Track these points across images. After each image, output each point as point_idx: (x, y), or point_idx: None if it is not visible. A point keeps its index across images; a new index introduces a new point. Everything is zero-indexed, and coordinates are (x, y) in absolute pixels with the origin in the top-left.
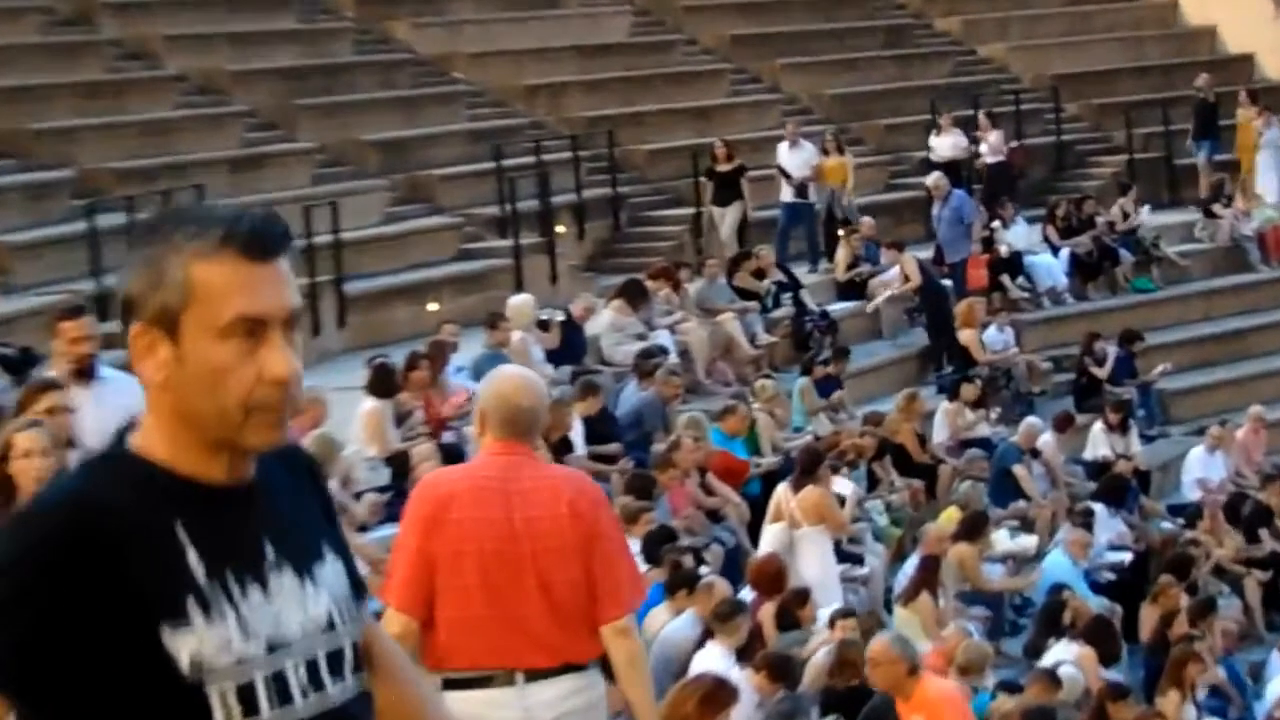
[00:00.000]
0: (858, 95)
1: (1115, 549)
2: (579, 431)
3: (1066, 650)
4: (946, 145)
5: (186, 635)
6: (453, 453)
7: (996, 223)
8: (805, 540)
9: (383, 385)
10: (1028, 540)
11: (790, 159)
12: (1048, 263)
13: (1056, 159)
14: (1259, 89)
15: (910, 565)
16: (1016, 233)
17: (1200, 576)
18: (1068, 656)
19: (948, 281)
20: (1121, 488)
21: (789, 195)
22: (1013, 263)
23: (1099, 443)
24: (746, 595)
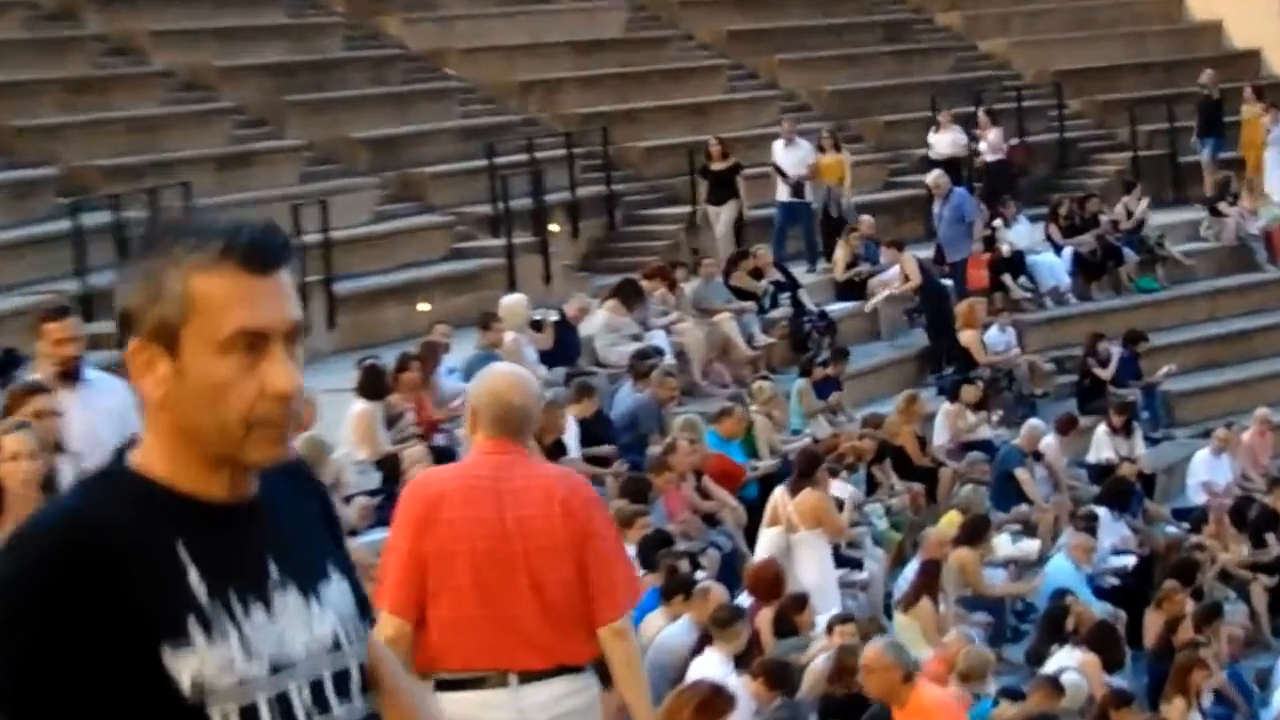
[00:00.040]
0: (857, 92)
1: (1119, 553)
2: (573, 434)
3: (1069, 657)
4: (945, 142)
5: (188, 656)
6: (444, 455)
7: (998, 221)
8: (803, 545)
9: (373, 387)
10: (1030, 545)
11: (786, 157)
12: (1050, 262)
13: (1059, 156)
14: (1265, 85)
15: (910, 570)
16: (1018, 231)
17: (1206, 581)
18: (1071, 663)
19: (948, 281)
20: (1125, 491)
21: (785, 194)
22: (1015, 262)
23: (1102, 445)
24: (743, 601)
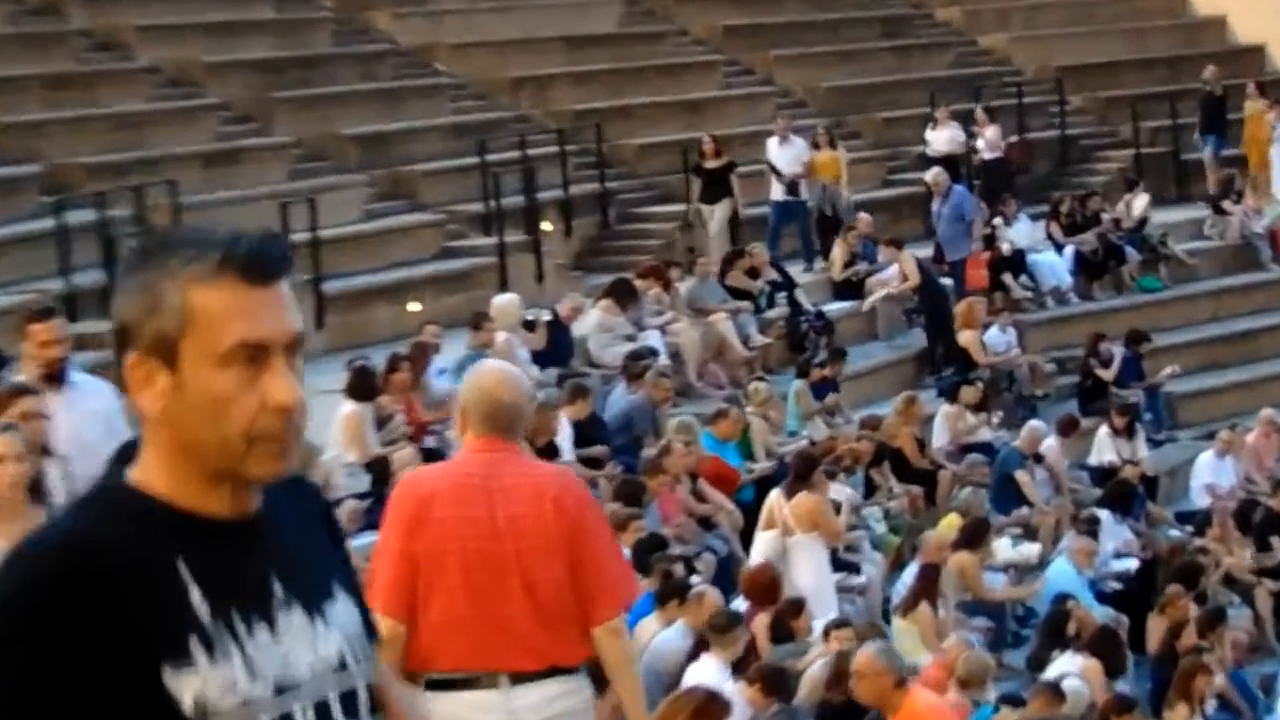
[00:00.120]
0: (854, 88)
1: (1121, 557)
2: (567, 435)
3: (1071, 662)
4: (943, 139)
5: (190, 676)
6: (435, 457)
7: (998, 220)
8: (799, 548)
9: (362, 388)
10: (1030, 548)
11: (780, 155)
12: (1051, 261)
13: (1060, 154)
14: (1269, 81)
15: (909, 574)
16: (1019, 230)
17: (1209, 586)
18: (1072, 669)
19: (948, 280)
20: (1128, 494)
21: (780, 193)
22: (1015, 261)
23: (1104, 447)
24: (739, 605)
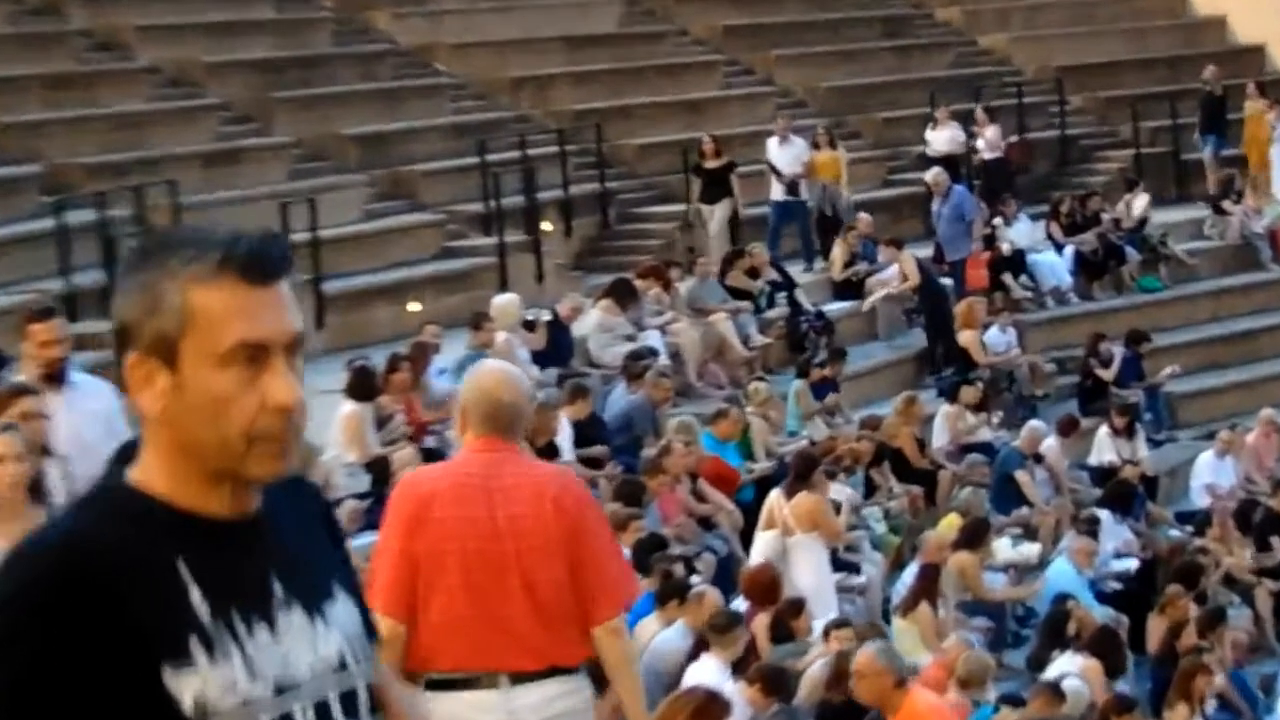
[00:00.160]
0: (854, 88)
1: (1121, 557)
2: (567, 436)
3: (1071, 662)
4: (943, 139)
5: (190, 676)
6: (434, 458)
7: (998, 220)
8: (799, 548)
9: (362, 388)
10: (1030, 548)
11: (780, 155)
12: (1051, 261)
13: (1060, 154)
14: (1269, 81)
15: (909, 574)
16: (1019, 230)
17: (1209, 586)
18: (1072, 669)
19: (948, 280)
20: (1128, 494)
21: (780, 193)
22: (1015, 261)
23: (1104, 447)
24: (739, 605)
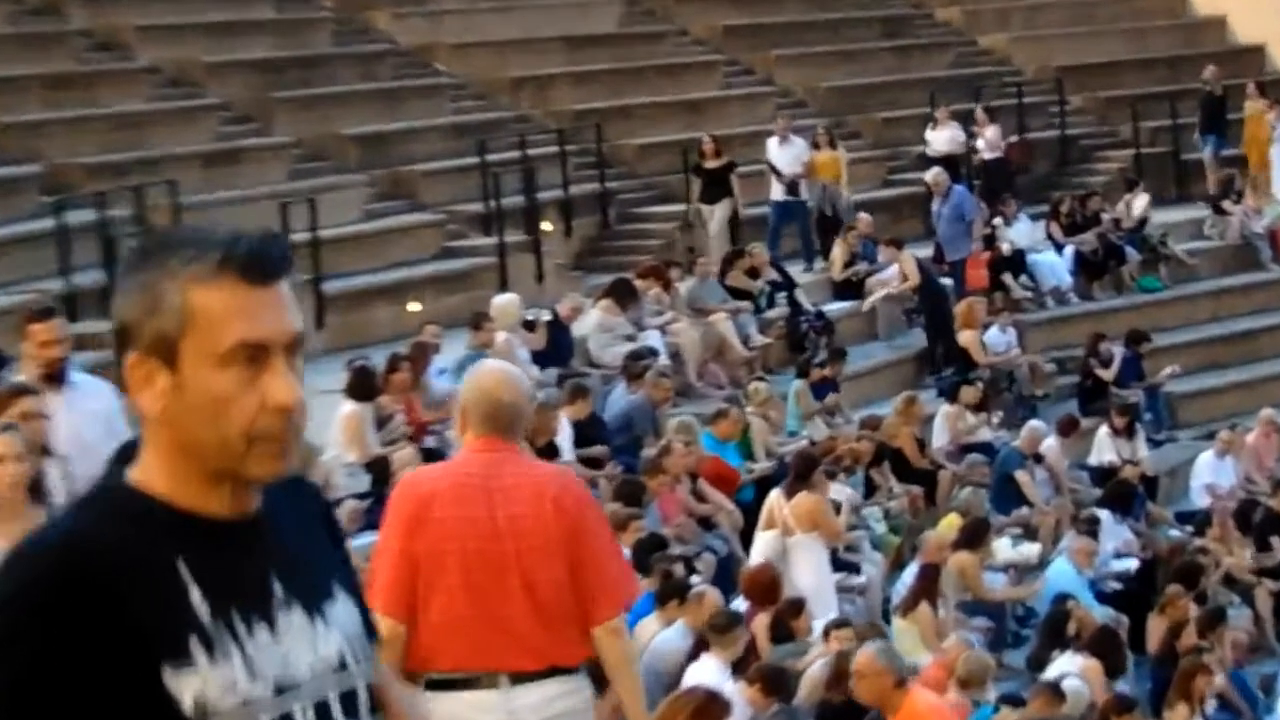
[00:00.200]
0: (854, 88)
1: (1121, 557)
2: (567, 436)
3: (1071, 662)
4: (943, 139)
5: (190, 676)
6: (434, 458)
7: (998, 220)
8: (799, 548)
9: (362, 388)
10: (1030, 549)
11: (780, 155)
12: (1051, 261)
13: (1060, 154)
14: (1269, 81)
15: (909, 574)
16: (1019, 230)
17: (1209, 586)
18: (1072, 669)
19: (948, 280)
20: (1128, 494)
21: (780, 193)
22: (1015, 261)
23: (1104, 447)
24: (739, 605)
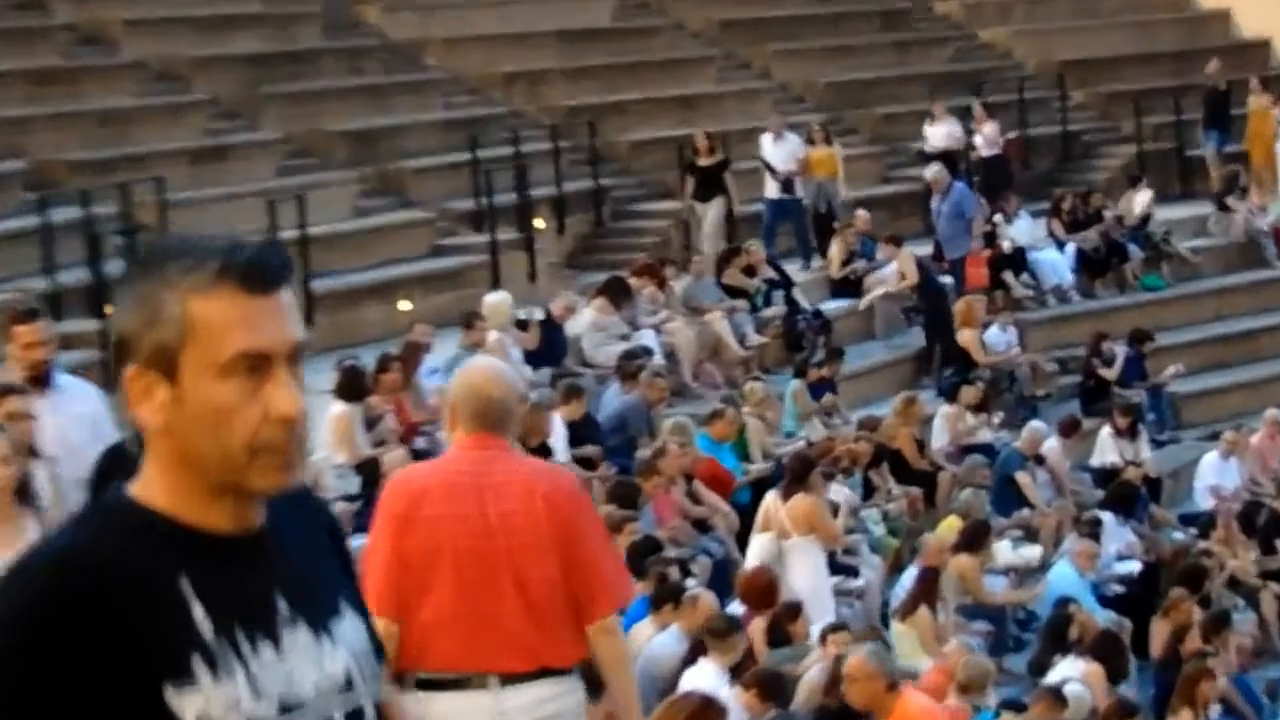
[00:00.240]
0: (853, 83)
1: (1124, 560)
2: (561, 436)
3: (1073, 667)
4: (941, 135)
5: (192, 695)
6: (425, 459)
7: (999, 217)
8: (795, 551)
9: (352, 388)
10: (1032, 551)
11: (775, 152)
12: (1053, 259)
13: (1062, 150)
14: (1273, 76)
15: (908, 578)
16: (1020, 227)
17: (1214, 589)
18: (1074, 673)
19: (948, 279)
20: (1130, 496)
21: (774, 191)
22: (1016, 259)
23: (1107, 448)
24: (735, 609)
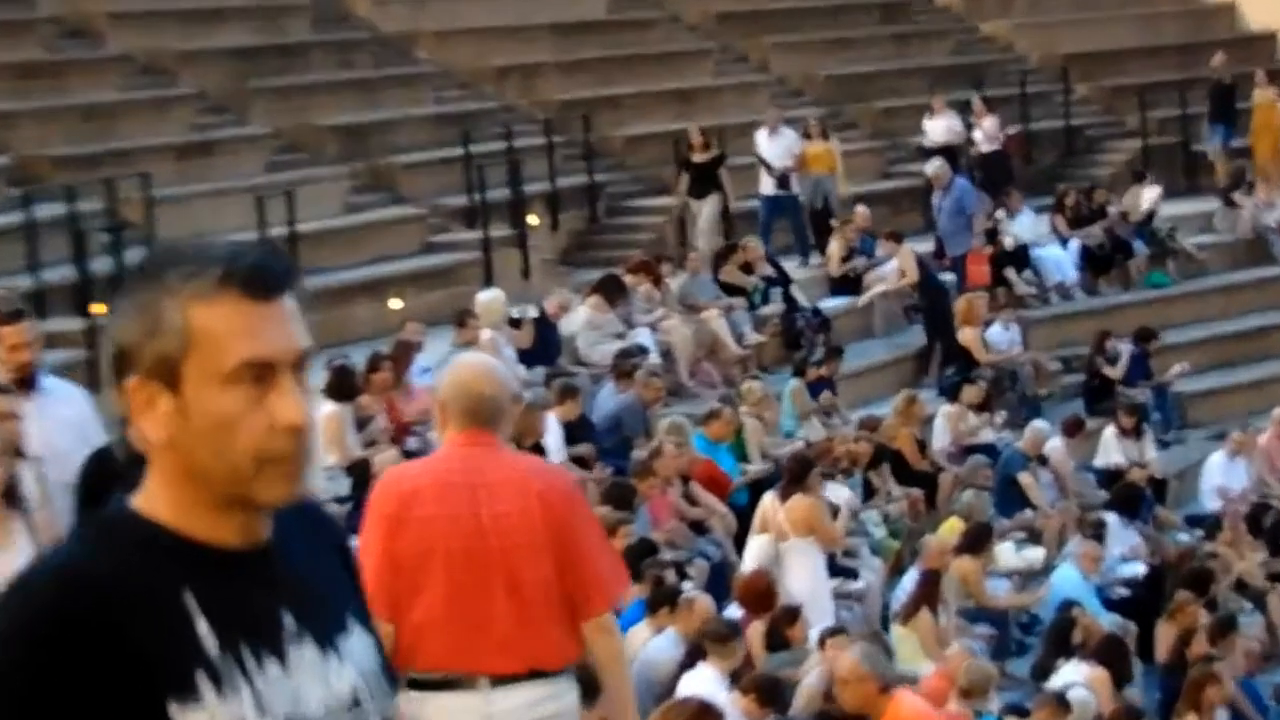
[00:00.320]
0: (852, 77)
1: (1129, 563)
2: (555, 436)
3: (1077, 671)
4: (940, 130)
5: (196, 712)
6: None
7: (1001, 213)
8: (793, 553)
9: (342, 388)
10: (1035, 553)
11: (770, 148)
12: (1056, 255)
13: (1066, 144)
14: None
15: (909, 580)
16: (1022, 223)
17: (1220, 592)
18: (1078, 678)
19: (949, 276)
20: (1135, 497)
21: (770, 187)
22: (1018, 256)
23: (1111, 449)
24: (733, 613)
